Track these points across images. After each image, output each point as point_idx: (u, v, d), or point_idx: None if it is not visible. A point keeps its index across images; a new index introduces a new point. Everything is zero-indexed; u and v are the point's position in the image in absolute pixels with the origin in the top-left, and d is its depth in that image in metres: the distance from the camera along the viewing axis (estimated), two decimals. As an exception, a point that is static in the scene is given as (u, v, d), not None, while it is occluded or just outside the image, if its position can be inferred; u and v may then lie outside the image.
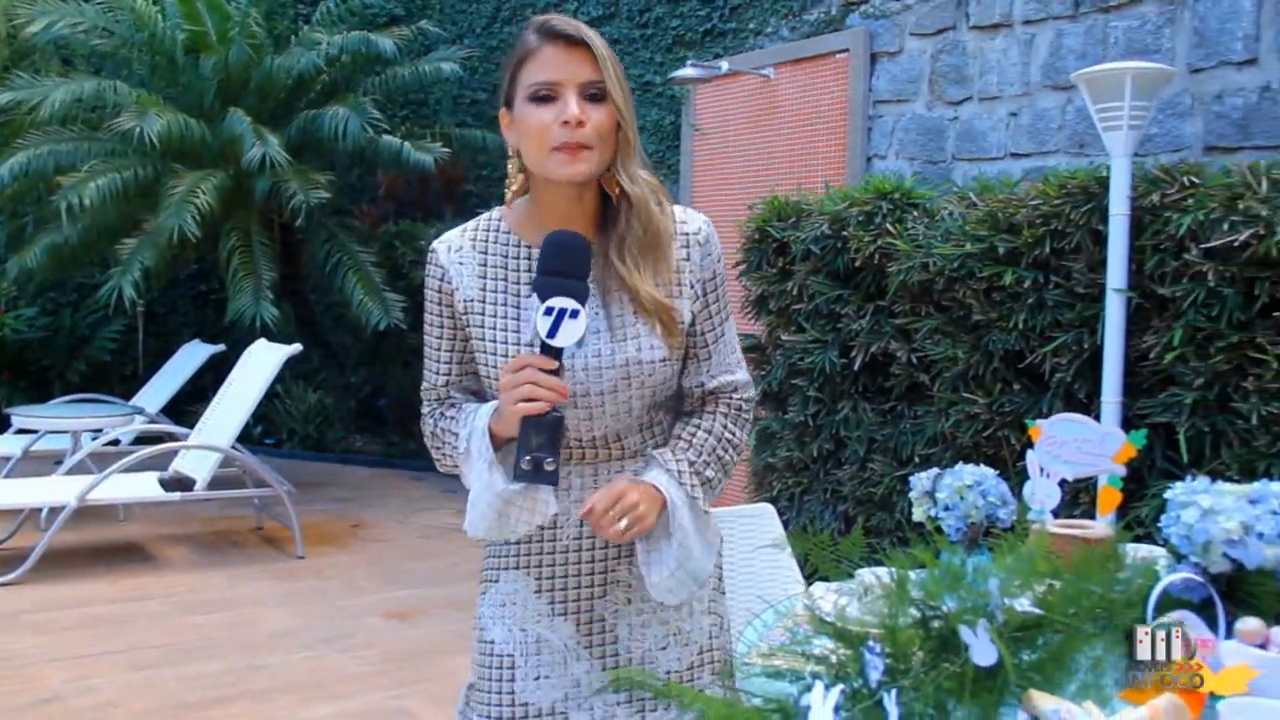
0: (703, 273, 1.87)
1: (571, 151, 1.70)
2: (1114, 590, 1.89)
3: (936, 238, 3.98)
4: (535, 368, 1.62)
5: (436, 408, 1.92)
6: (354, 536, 6.63)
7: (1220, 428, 3.24)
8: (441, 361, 1.89)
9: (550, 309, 1.62)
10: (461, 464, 1.83)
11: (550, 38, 1.72)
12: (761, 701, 1.60)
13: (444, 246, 1.85)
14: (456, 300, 1.83)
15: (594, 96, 1.71)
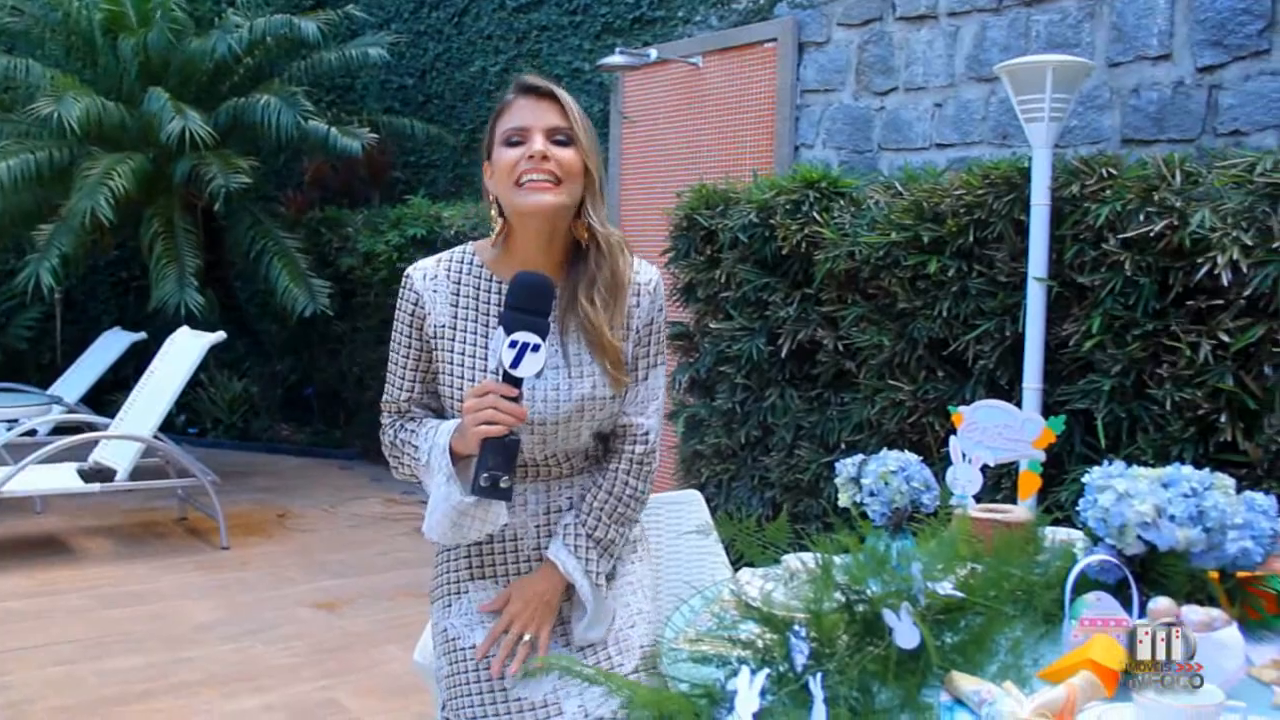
0: (646, 319, 2.05)
1: (538, 185, 1.88)
2: (1033, 573, 1.94)
3: (862, 227, 4.02)
4: (497, 394, 1.77)
5: (397, 419, 2.06)
6: (280, 526, 6.55)
7: (1136, 414, 3.32)
8: (405, 379, 2.04)
9: (515, 342, 1.77)
10: (420, 474, 1.99)
11: (523, 91, 1.94)
12: (688, 687, 1.62)
13: (419, 274, 2.02)
14: (428, 325, 2.00)
15: (560, 141, 1.91)
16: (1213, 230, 3.09)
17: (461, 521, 1.92)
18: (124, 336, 8.51)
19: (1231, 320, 3.09)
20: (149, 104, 7.44)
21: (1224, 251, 3.04)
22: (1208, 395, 3.13)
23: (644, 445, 2.06)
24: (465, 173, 8.64)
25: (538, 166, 1.88)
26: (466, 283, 2.01)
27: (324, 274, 8.02)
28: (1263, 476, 3.01)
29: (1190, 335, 3.17)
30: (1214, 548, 1.83)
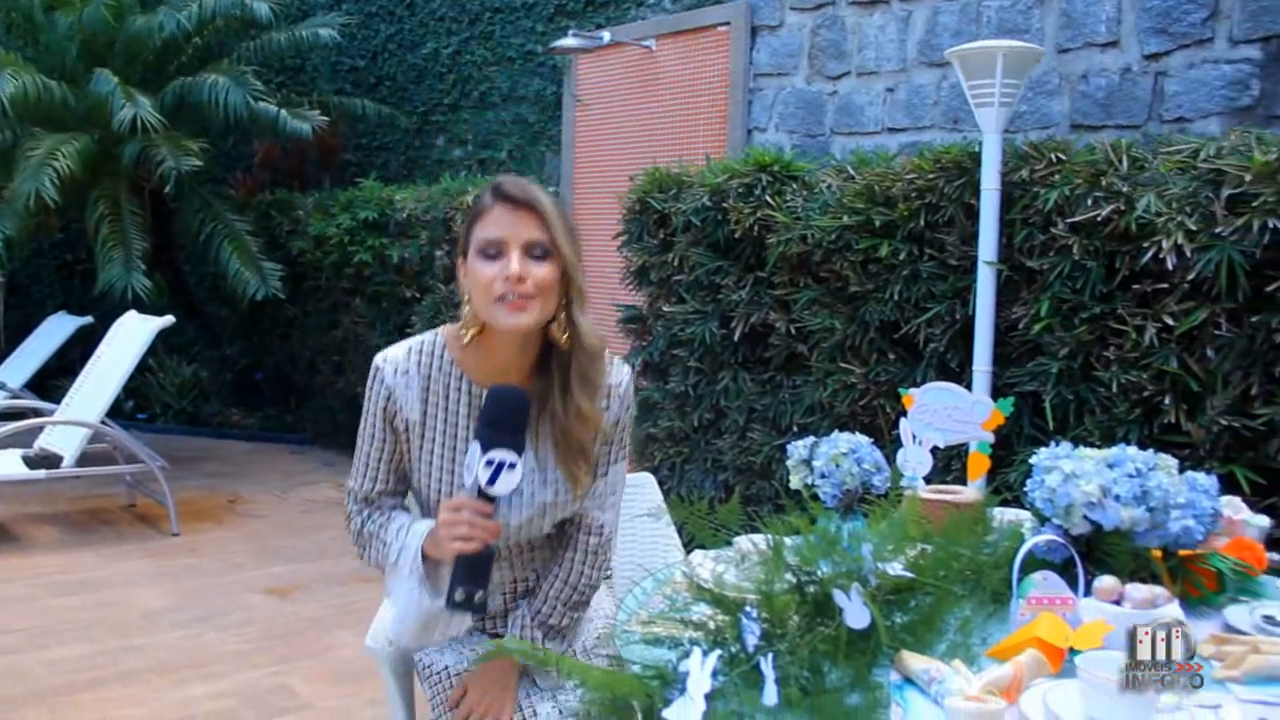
0: (614, 420, 2.03)
1: (514, 305, 1.82)
2: (982, 553, 1.96)
3: (815, 210, 4.03)
4: (472, 510, 1.78)
5: (365, 509, 2.05)
6: (231, 512, 6.49)
7: (1084, 396, 3.36)
8: (373, 470, 2.03)
9: (491, 460, 1.76)
10: (389, 571, 1.98)
11: (500, 199, 1.86)
12: (641, 668, 1.62)
13: (390, 368, 1.98)
14: (399, 420, 1.98)
15: (538, 255, 1.84)
16: (1158, 215, 3.13)
17: (431, 626, 1.95)
18: (69, 321, 8.38)
19: (1176, 304, 3.13)
20: (96, 85, 7.31)
21: (1169, 236, 3.08)
22: (1152, 377, 3.17)
23: (599, 537, 2.08)
24: (417, 155, 8.59)
25: (514, 288, 1.82)
26: (436, 379, 1.98)
27: (274, 257, 7.94)
28: (1205, 457, 3.06)
29: (1136, 318, 3.21)
30: (1157, 527, 1.87)
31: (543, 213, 1.85)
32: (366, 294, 7.47)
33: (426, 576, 1.90)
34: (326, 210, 7.75)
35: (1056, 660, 1.66)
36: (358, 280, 7.49)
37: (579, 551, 2.08)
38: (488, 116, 7.89)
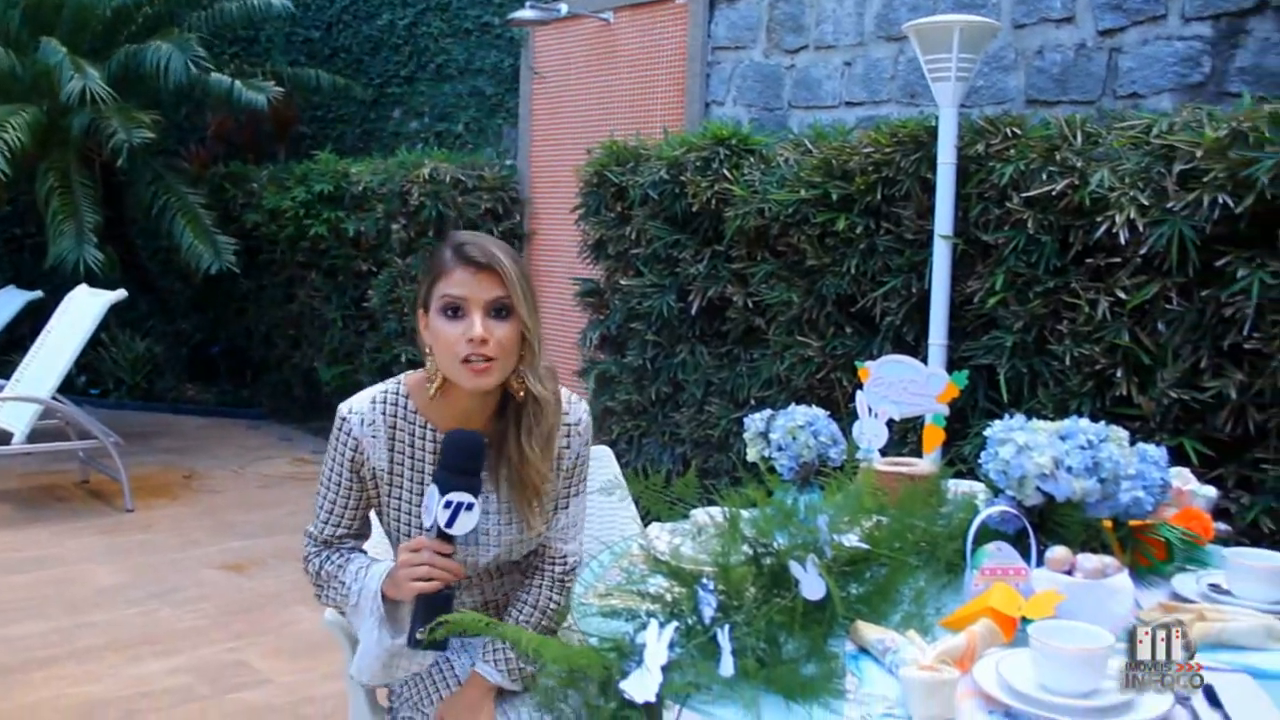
0: (573, 458, 2.10)
1: (478, 369, 1.88)
2: (936, 524, 1.98)
3: (772, 184, 4.04)
4: (431, 550, 1.85)
5: (323, 550, 2.07)
6: (186, 488, 6.44)
7: (1037, 369, 3.39)
8: (334, 514, 2.06)
9: (450, 502, 1.84)
10: (348, 611, 2.03)
11: (463, 260, 1.89)
12: (598, 641, 1.62)
13: (357, 419, 2.00)
14: (365, 470, 2.02)
15: (499, 312, 1.89)
16: (1111, 190, 3.16)
17: (393, 663, 2.01)
18: (19, 295, 8.25)
19: (1128, 278, 3.16)
20: (43, 55, 7.18)
21: (1121, 211, 3.11)
22: (1105, 351, 3.21)
23: (563, 566, 2.12)
24: (373, 128, 8.50)
25: (477, 350, 1.87)
26: (402, 429, 2.02)
27: (229, 230, 7.84)
28: (1155, 429, 3.10)
29: (1089, 292, 3.24)
30: (1108, 497, 1.89)
31: (503, 273, 1.89)
32: (322, 268, 7.41)
33: (386, 616, 1.95)
34: (281, 183, 7.66)
35: (1009, 629, 1.67)
36: (313, 254, 7.42)
37: (546, 578, 2.13)
38: (444, 89, 7.83)
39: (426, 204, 6.62)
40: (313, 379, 7.76)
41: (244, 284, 8.11)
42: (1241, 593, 1.88)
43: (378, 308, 6.92)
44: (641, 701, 1.50)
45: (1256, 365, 2.97)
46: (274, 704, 3.54)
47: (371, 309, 7.01)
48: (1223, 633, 1.71)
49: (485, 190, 6.78)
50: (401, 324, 6.79)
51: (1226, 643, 1.71)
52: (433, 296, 1.93)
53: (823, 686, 1.53)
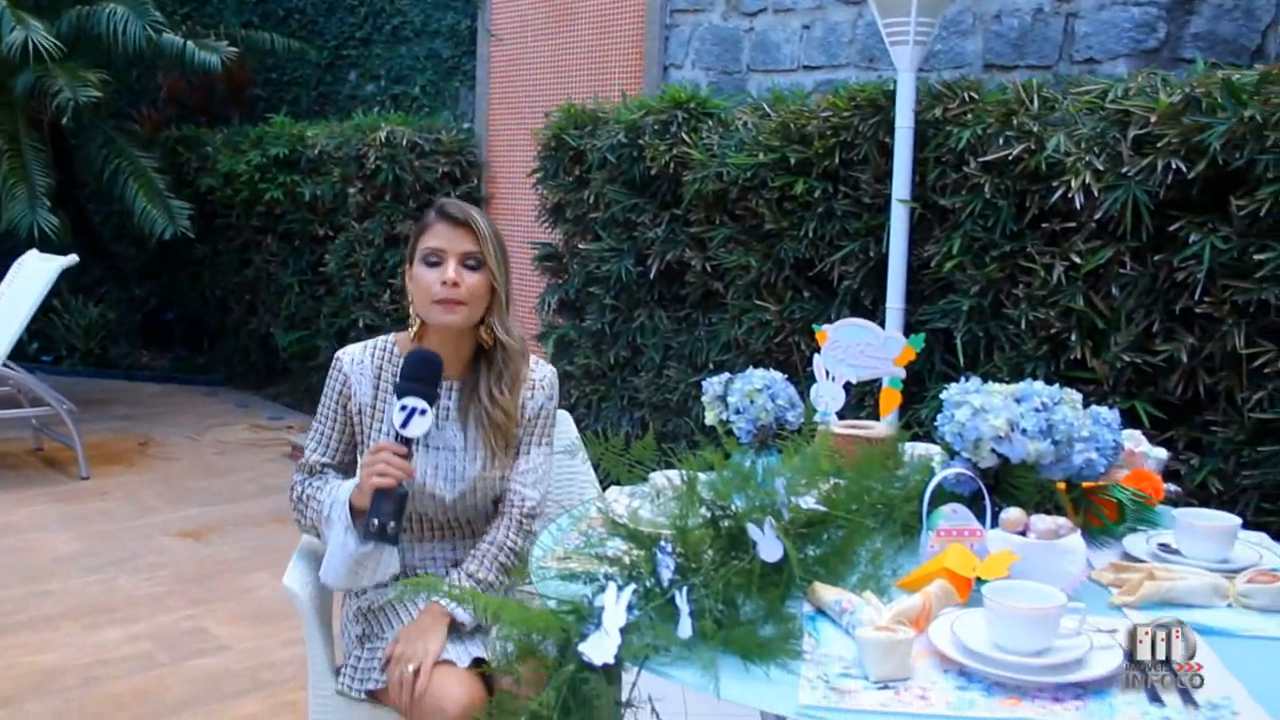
0: (536, 410, 2.33)
1: (448, 305, 2.17)
2: (893, 487, 1.99)
3: (730, 148, 4.03)
4: (389, 451, 2.06)
5: (307, 477, 2.30)
6: (142, 455, 6.37)
7: (993, 333, 3.42)
8: (324, 443, 2.31)
9: (405, 406, 2.07)
10: (321, 526, 2.22)
11: (443, 217, 2.22)
12: (556, 603, 1.63)
13: (348, 358, 2.30)
14: (353, 404, 2.28)
15: (471, 265, 2.20)
16: (1067, 155, 3.18)
17: (357, 569, 2.16)
18: (-33, 260, 8.12)
19: (1083, 242, 3.19)
20: (-17, 10, 7.01)
21: (1077, 176, 3.13)
22: (1060, 315, 3.24)
23: (523, 509, 2.28)
24: (329, 91, 8.40)
25: (449, 293, 2.16)
26: (387, 370, 2.29)
27: (183, 195, 7.72)
28: (1108, 392, 3.14)
29: (1045, 257, 3.27)
30: (1062, 459, 1.91)
31: (477, 230, 2.21)
32: (278, 232, 7.32)
33: (352, 524, 2.12)
34: (236, 147, 7.56)
35: (964, 590, 1.69)
36: (269, 218, 7.34)
37: (507, 519, 2.28)
38: (401, 51, 7.74)
39: (383, 168, 6.55)
40: (270, 345, 7.69)
41: (199, 249, 8.01)
42: (1190, 552, 1.91)
43: (335, 272, 6.85)
44: (600, 664, 1.51)
45: (1207, 329, 3.01)
46: (233, 670, 3.53)
47: (329, 274, 6.95)
48: (1171, 591, 1.74)
49: (442, 154, 6.72)
50: (359, 289, 6.73)
51: (1174, 601, 1.74)
52: (416, 249, 2.23)
53: (780, 647, 1.54)
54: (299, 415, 7.30)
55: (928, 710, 1.42)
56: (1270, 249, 2.85)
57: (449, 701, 1.99)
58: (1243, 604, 1.74)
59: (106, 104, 7.39)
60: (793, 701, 1.43)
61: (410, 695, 2.03)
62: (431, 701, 2.00)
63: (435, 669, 2.04)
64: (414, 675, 2.03)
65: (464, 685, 2.02)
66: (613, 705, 1.56)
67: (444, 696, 1.99)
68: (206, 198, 7.74)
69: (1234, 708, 1.40)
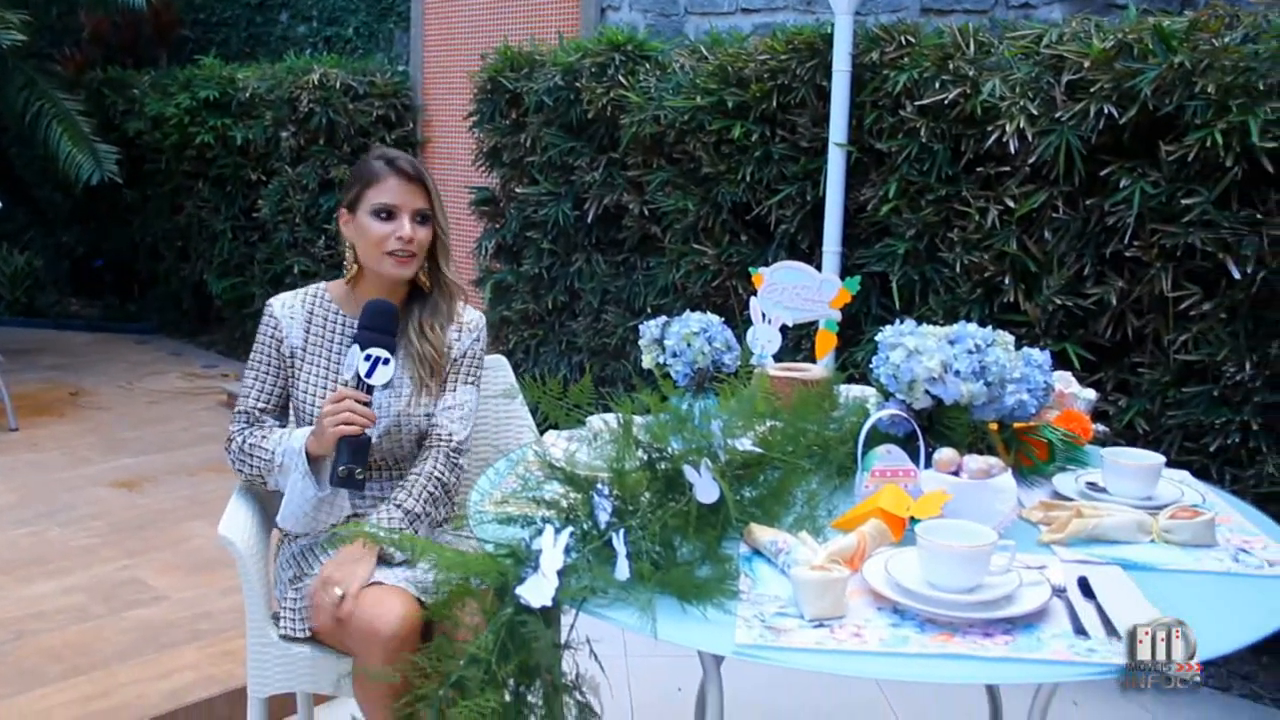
0: (463, 350, 2.39)
1: (401, 260, 2.26)
2: (829, 428, 2.01)
3: (668, 91, 4.01)
4: (353, 400, 2.11)
5: (245, 426, 2.33)
6: (73, 405, 6.27)
7: (929, 276, 3.45)
8: (260, 389, 2.35)
9: (369, 355, 2.13)
10: (268, 473, 2.27)
11: (396, 172, 2.27)
12: (494, 547, 1.63)
13: (279, 303, 2.36)
14: (285, 347, 2.34)
15: (422, 220, 2.28)
16: (1002, 99, 3.20)
17: (315, 513, 2.22)
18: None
19: (1017, 187, 3.22)
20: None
21: (1011, 120, 3.15)
22: (994, 258, 3.27)
23: (449, 444, 2.33)
24: (260, 32, 8.22)
25: (404, 247, 2.24)
26: (318, 315, 2.36)
27: (110, 139, 7.53)
28: (1040, 335, 3.19)
29: (979, 201, 3.30)
30: (994, 401, 1.94)
31: (428, 188, 2.30)
32: (210, 177, 7.18)
33: (310, 470, 2.18)
34: (164, 89, 7.38)
35: (898, 529, 1.72)
36: (200, 163, 7.19)
37: (434, 452, 2.33)
38: (333, -9, 7.60)
39: (316, 111, 6.44)
40: (203, 292, 7.57)
41: (128, 194, 7.83)
42: (1116, 490, 1.95)
43: (269, 218, 6.75)
44: (538, 606, 1.52)
45: (1136, 273, 3.06)
46: (171, 620, 3.50)
47: (262, 219, 6.83)
48: (1097, 528, 1.78)
49: (377, 97, 6.61)
50: (293, 234, 6.63)
51: (1101, 537, 1.78)
52: (363, 200, 2.28)
53: (717, 588, 1.56)
54: (233, 363, 7.21)
55: (862, 647, 1.44)
56: (1197, 194, 2.89)
57: (381, 621, 1.98)
58: (1165, 539, 1.78)
59: (27, 44, 7.17)
60: (729, 641, 1.45)
61: (333, 619, 2.04)
62: (363, 623, 2.00)
63: (366, 589, 2.05)
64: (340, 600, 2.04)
65: (396, 604, 2.01)
66: (551, 647, 1.57)
67: (376, 616, 1.99)
68: (134, 142, 7.57)
69: (1156, 639, 1.44)
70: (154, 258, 8.06)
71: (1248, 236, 2.84)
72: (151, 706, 2.86)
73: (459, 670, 1.54)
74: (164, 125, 7.26)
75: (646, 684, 3.16)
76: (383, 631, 1.96)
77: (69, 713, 2.83)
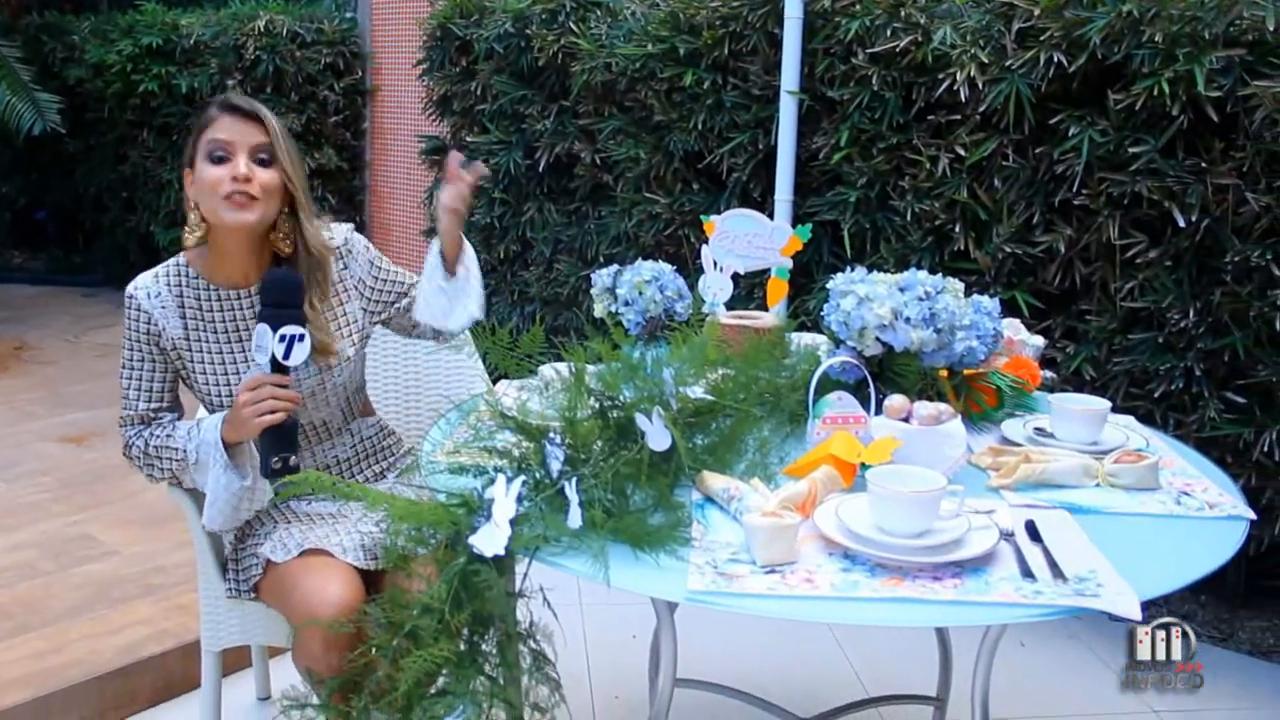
0: (359, 272, 2.22)
1: (240, 202, 2.00)
2: (780, 376, 2.02)
3: (619, 38, 3.97)
4: (271, 385, 1.95)
5: (141, 430, 2.17)
6: (16, 360, 6.17)
7: (880, 224, 3.46)
8: (146, 390, 2.15)
9: (284, 336, 1.94)
10: (182, 471, 2.12)
11: (228, 110, 2.04)
12: (446, 497, 1.63)
13: (143, 293, 2.11)
14: (165, 341, 2.12)
15: (263, 161, 2.03)
16: (953, 47, 3.20)
17: (240, 505, 2.08)
18: None
19: (967, 135, 3.23)
20: None
21: (962, 68, 3.16)
22: (944, 207, 3.28)
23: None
24: (202, -24, 8.06)
25: (240, 187, 1.99)
26: (189, 295, 2.13)
27: (49, 87, 7.38)
28: (990, 282, 3.21)
29: (930, 149, 3.30)
30: (944, 347, 1.95)
31: (266, 123, 2.05)
32: (155, 126, 7.06)
33: (230, 461, 2.03)
34: (105, 36, 7.22)
35: (849, 475, 1.73)
36: (144, 111, 7.05)
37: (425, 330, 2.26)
38: (278, -65, 7.44)
39: (263, 58, 6.34)
40: (150, 244, 7.45)
41: (70, 144, 7.68)
42: (1063, 435, 1.98)
43: (214, 168, 6.65)
44: (490, 555, 1.52)
45: (1084, 221, 3.09)
46: (122, 575, 3.48)
47: (208, 169, 6.73)
48: (1044, 473, 1.81)
49: (325, 44, 6.52)
50: (240, 184, 6.54)
51: (1048, 482, 1.80)
52: (199, 146, 2.05)
53: (669, 535, 1.57)
54: (182, 315, 7.11)
55: (813, 592, 1.46)
56: (1144, 142, 2.92)
57: (323, 604, 1.92)
58: (1110, 483, 1.81)
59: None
60: (681, 587, 1.46)
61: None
62: (302, 603, 1.95)
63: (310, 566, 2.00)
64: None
65: (341, 583, 1.96)
66: (505, 596, 1.57)
67: (316, 599, 1.94)
68: (75, 90, 7.41)
69: (1099, 579, 1.46)
70: (99, 209, 7.92)
71: (1193, 185, 2.87)
72: (105, 662, 2.85)
73: (412, 620, 1.54)
74: (106, 73, 7.11)
75: (601, 631, 3.18)
76: (323, 614, 1.89)
77: (20, 669, 2.81)
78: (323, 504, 2.19)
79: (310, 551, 2.04)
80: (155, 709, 2.90)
